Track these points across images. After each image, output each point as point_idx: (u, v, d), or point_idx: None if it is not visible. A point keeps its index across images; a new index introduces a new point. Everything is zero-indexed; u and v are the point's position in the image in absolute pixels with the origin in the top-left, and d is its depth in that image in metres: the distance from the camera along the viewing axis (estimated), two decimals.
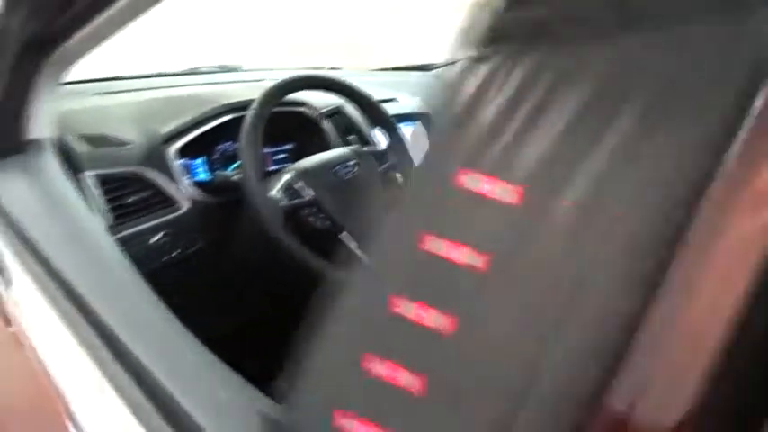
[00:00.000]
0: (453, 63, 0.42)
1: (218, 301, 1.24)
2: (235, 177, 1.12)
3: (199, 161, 1.22)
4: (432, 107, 1.61)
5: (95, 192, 1.03)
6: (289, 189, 1.07)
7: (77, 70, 0.99)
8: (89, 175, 1.03)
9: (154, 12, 0.81)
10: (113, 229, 1.02)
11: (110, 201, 1.04)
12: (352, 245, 1.09)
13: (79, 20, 0.81)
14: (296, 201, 1.06)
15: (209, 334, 1.44)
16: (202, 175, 1.21)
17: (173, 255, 1.09)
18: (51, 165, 0.96)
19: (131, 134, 1.15)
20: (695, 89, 0.33)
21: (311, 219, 1.07)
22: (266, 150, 1.33)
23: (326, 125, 1.40)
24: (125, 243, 1.04)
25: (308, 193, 1.07)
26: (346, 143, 1.36)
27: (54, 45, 0.87)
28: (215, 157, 1.24)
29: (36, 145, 0.97)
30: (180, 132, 1.16)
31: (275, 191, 1.07)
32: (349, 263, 1.12)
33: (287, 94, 1.13)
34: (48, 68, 0.91)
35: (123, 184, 1.07)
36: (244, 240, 1.14)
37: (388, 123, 1.27)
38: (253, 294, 1.28)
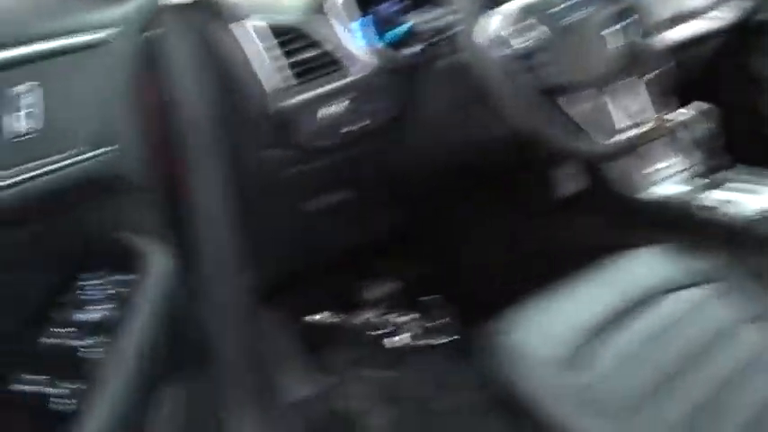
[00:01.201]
0: None
1: (405, 188, 1.00)
2: (437, 23, 0.84)
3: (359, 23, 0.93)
4: None
5: (261, 45, 0.80)
6: (514, 29, 0.79)
7: None
8: (253, 24, 0.80)
9: None
10: (292, 89, 0.79)
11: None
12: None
13: None
14: (526, 45, 0.78)
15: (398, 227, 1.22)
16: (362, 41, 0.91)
17: (356, 126, 0.85)
18: None
19: None
20: None
21: (541, 72, 0.79)
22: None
23: None
24: (301, 111, 0.81)
25: (540, 36, 0.78)
26: None
27: None
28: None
29: None
30: None
31: (493, 30, 0.78)
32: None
33: None
34: None
35: (288, 39, 0.83)
36: (445, 107, 0.88)
37: None
38: (448, 180, 1.03)
